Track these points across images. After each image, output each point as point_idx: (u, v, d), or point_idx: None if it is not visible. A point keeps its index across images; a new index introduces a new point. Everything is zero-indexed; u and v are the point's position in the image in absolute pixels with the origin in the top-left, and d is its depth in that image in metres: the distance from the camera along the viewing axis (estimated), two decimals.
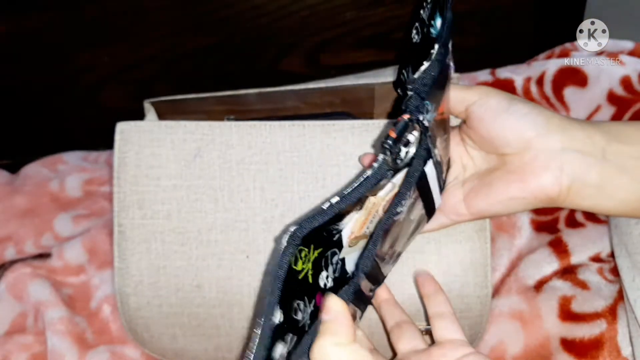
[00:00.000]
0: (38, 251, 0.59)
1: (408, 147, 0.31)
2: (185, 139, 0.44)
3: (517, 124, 0.36)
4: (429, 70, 0.32)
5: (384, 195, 0.32)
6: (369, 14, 0.69)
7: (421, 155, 0.32)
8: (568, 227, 0.52)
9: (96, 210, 0.62)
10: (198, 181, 0.44)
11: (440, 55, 0.32)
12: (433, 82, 0.32)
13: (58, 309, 0.52)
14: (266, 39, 0.68)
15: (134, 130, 0.44)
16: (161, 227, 0.44)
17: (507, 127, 0.36)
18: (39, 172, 0.67)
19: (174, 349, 0.46)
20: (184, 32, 0.68)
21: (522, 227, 0.54)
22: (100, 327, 0.53)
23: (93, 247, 0.57)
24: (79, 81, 0.71)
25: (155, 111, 0.52)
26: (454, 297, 0.44)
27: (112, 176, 0.45)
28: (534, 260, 0.51)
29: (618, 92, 0.56)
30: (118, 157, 0.44)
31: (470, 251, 0.44)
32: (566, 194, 0.35)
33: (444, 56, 0.33)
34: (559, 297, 0.47)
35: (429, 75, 0.32)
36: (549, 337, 0.46)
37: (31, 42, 0.67)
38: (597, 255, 0.49)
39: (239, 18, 0.67)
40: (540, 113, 0.36)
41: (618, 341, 0.44)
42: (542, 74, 0.59)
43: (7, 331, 0.53)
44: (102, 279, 0.55)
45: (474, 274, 0.44)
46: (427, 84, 0.31)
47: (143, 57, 0.70)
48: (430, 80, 0.31)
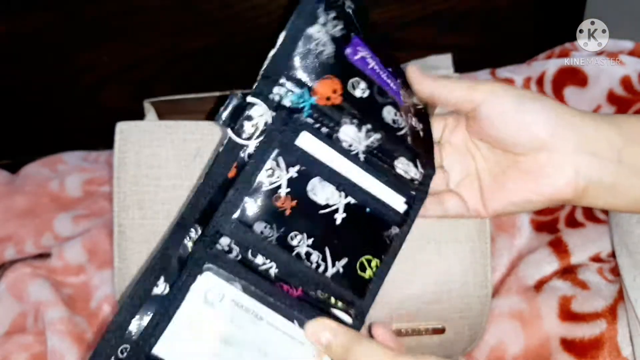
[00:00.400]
0: (38, 251, 0.59)
1: (251, 121, 0.33)
2: (185, 139, 0.44)
3: (528, 125, 0.35)
4: (279, 51, 0.34)
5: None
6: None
7: (279, 130, 0.33)
8: (568, 227, 0.52)
9: (96, 210, 0.62)
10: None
11: (295, 28, 0.34)
12: (287, 60, 0.34)
13: (58, 309, 0.52)
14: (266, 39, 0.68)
15: (134, 130, 0.44)
16: (161, 227, 0.44)
17: (518, 129, 0.35)
18: (39, 172, 0.67)
19: None
20: (184, 32, 0.68)
21: (522, 227, 0.54)
22: (100, 327, 0.53)
23: (93, 247, 0.57)
24: (79, 81, 0.71)
25: (155, 111, 0.52)
26: (454, 297, 0.44)
27: (112, 176, 0.44)
28: (534, 260, 0.51)
29: (618, 92, 0.56)
30: (118, 157, 0.44)
31: (470, 251, 0.44)
32: (581, 195, 0.35)
33: (302, 27, 0.34)
34: (559, 297, 0.47)
35: (281, 58, 0.34)
36: (549, 337, 0.46)
37: (31, 42, 0.67)
38: (597, 255, 0.50)
39: (239, 18, 0.67)
40: (551, 110, 0.35)
41: (618, 341, 0.44)
42: (542, 74, 0.59)
43: (7, 331, 0.53)
44: (102, 279, 0.55)
45: (474, 274, 0.44)
46: (278, 63, 0.34)
47: (143, 57, 0.70)
48: (285, 62, 0.34)
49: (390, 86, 0.37)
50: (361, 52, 0.35)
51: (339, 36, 0.35)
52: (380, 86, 0.36)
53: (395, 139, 0.36)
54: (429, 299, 0.44)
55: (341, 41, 0.35)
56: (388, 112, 0.36)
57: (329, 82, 0.34)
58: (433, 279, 0.44)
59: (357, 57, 0.35)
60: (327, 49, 0.34)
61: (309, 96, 0.34)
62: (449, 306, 0.44)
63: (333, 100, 0.35)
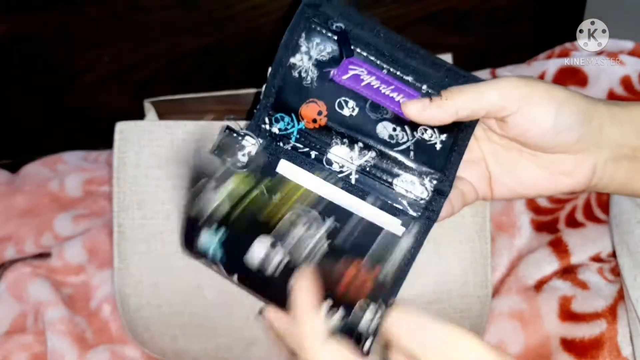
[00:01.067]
0: (38, 251, 0.59)
1: (244, 150, 0.36)
2: (185, 139, 0.44)
3: (565, 133, 0.33)
4: (267, 84, 0.36)
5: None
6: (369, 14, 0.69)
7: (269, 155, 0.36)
8: (568, 227, 0.52)
9: (96, 210, 0.62)
10: None
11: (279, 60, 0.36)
12: (277, 94, 0.36)
13: (58, 309, 0.52)
14: (266, 39, 0.68)
15: (134, 130, 0.44)
16: (161, 227, 0.44)
17: (554, 137, 0.33)
18: (39, 172, 0.67)
19: (174, 349, 0.46)
20: (184, 32, 0.68)
21: (522, 227, 0.54)
22: (100, 327, 0.53)
23: (93, 247, 0.57)
24: (79, 81, 0.71)
25: (155, 111, 0.52)
26: (454, 297, 0.44)
27: (112, 176, 0.44)
28: (534, 260, 0.51)
29: (618, 91, 0.56)
30: (118, 157, 0.44)
31: (470, 251, 0.44)
32: (592, 188, 0.35)
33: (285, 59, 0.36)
34: (559, 297, 0.47)
35: (269, 90, 0.36)
36: (549, 337, 0.46)
37: (31, 42, 0.67)
38: (597, 255, 0.49)
39: (239, 18, 0.67)
40: (584, 122, 0.33)
41: (618, 341, 0.44)
42: (542, 73, 0.59)
43: (7, 331, 0.53)
44: (102, 279, 0.55)
45: (474, 274, 0.44)
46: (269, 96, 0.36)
47: (143, 57, 0.70)
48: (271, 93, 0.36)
49: (393, 99, 0.35)
50: (353, 70, 0.35)
51: (325, 60, 0.35)
52: (375, 102, 0.35)
53: (394, 156, 0.35)
54: (429, 299, 0.44)
55: (327, 64, 0.35)
56: (384, 127, 0.35)
57: (313, 105, 0.35)
58: (433, 279, 0.44)
59: (346, 77, 0.35)
60: (311, 74, 0.35)
61: (297, 122, 0.36)
62: (449, 306, 0.44)
63: (319, 122, 0.35)
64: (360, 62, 0.35)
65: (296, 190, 0.35)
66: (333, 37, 0.36)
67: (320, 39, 0.36)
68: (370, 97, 0.35)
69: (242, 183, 0.35)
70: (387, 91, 0.35)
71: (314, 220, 0.34)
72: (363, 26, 0.36)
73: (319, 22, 0.35)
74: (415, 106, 0.34)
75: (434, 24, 0.69)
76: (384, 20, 0.69)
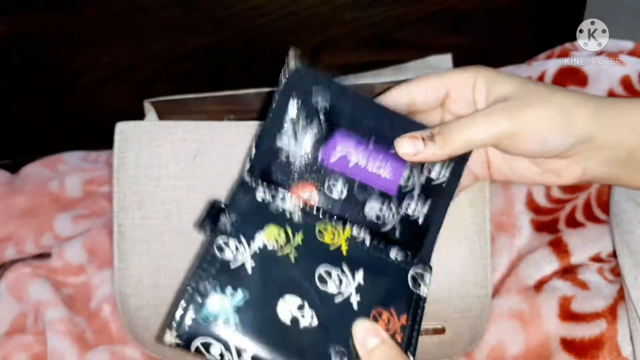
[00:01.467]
0: (38, 251, 0.59)
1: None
2: (185, 139, 0.44)
3: (551, 152, 0.35)
4: (252, 163, 0.35)
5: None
6: (369, 14, 0.69)
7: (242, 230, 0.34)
8: (568, 227, 0.52)
9: (96, 210, 0.62)
10: (198, 181, 0.44)
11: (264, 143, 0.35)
12: (262, 171, 0.35)
13: (58, 309, 0.52)
14: (266, 39, 0.68)
15: (134, 130, 0.44)
16: (161, 227, 0.44)
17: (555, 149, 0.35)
18: (39, 172, 0.67)
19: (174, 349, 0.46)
20: (184, 32, 0.68)
21: (522, 227, 0.54)
22: (100, 327, 0.53)
23: (93, 247, 0.57)
24: (79, 81, 0.71)
25: (155, 111, 0.52)
26: (454, 297, 0.44)
27: (112, 176, 0.44)
28: (534, 260, 0.51)
29: (618, 92, 0.56)
30: (118, 157, 0.44)
31: (470, 251, 0.44)
32: (589, 182, 0.38)
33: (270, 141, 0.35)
34: (559, 297, 0.47)
35: (255, 167, 0.35)
36: (549, 337, 0.46)
37: (31, 42, 0.67)
38: (597, 255, 0.50)
39: (239, 18, 0.67)
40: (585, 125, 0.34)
41: (618, 341, 0.44)
42: (542, 73, 0.59)
43: (7, 331, 0.53)
44: (102, 279, 0.55)
45: (474, 274, 0.44)
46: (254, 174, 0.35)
47: (143, 57, 0.70)
48: (257, 172, 0.35)
49: (379, 177, 0.36)
50: (341, 151, 0.36)
51: (312, 141, 0.35)
52: (362, 182, 0.36)
53: (382, 236, 0.36)
54: (429, 299, 0.44)
55: (314, 145, 0.35)
56: (371, 207, 0.36)
57: (304, 186, 0.35)
58: (433, 279, 0.44)
59: (334, 160, 0.36)
60: (298, 159, 0.35)
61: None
62: (449, 306, 0.44)
63: (310, 204, 0.35)
64: (346, 138, 0.36)
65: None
66: (324, 110, 0.35)
67: (307, 120, 0.35)
68: (358, 177, 0.36)
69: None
70: (373, 167, 0.36)
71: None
72: (347, 99, 0.36)
73: (304, 100, 0.35)
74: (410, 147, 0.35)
75: (434, 24, 0.69)
76: (384, 20, 0.69)
